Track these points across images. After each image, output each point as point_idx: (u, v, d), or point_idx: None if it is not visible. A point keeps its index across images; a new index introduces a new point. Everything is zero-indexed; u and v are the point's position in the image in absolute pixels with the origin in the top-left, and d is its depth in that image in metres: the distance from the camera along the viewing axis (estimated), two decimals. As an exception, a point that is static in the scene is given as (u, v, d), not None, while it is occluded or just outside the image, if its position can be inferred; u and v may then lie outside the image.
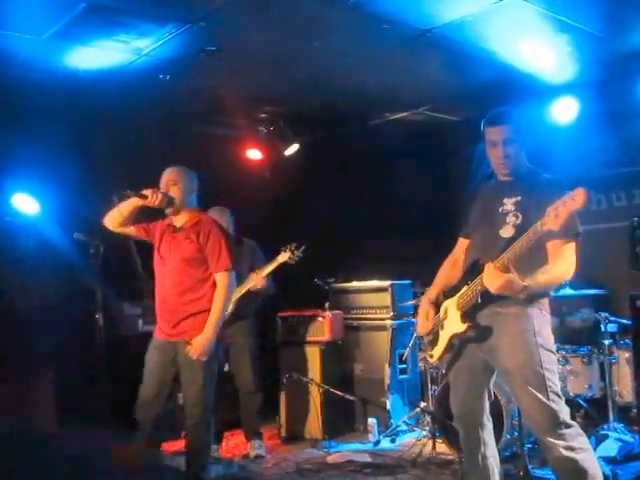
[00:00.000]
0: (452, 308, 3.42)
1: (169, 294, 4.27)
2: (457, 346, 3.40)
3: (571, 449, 3.09)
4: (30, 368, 5.57)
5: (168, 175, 4.39)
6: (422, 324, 3.63)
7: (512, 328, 3.22)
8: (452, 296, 3.45)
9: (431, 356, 3.58)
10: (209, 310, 4.18)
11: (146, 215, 4.59)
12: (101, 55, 5.00)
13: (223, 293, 4.21)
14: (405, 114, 6.85)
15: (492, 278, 3.02)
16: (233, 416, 6.31)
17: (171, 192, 4.30)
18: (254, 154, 7.12)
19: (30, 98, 5.45)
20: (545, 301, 3.32)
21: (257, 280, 5.50)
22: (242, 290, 5.45)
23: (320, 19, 4.61)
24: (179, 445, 5.54)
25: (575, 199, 2.74)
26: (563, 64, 5.53)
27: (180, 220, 4.35)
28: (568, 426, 3.12)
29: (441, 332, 3.51)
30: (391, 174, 7.46)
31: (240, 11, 4.43)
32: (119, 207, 4.37)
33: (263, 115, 6.83)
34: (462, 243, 3.66)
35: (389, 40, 4.96)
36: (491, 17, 4.60)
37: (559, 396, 3.16)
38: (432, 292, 3.65)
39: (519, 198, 3.29)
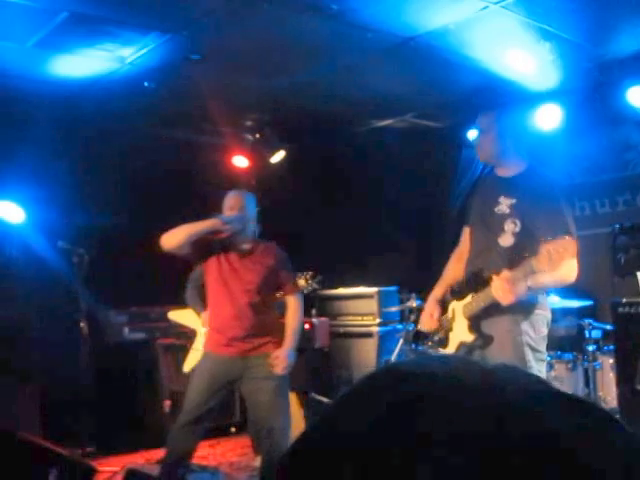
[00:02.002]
0: (459, 314, 3.48)
1: (244, 313, 4.32)
2: (464, 352, 3.44)
3: None
4: (14, 377, 5.54)
5: (236, 200, 4.43)
6: (426, 320, 3.68)
7: (502, 327, 3.29)
8: (458, 299, 3.50)
9: None
10: (277, 328, 4.40)
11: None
12: (85, 63, 4.99)
13: (297, 312, 4.45)
14: (390, 121, 6.88)
15: (504, 293, 3.08)
16: (218, 424, 6.31)
17: (245, 217, 4.36)
18: (240, 161, 7.13)
19: (14, 106, 5.45)
20: (540, 298, 3.36)
21: None
22: None
23: (304, 27, 4.62)
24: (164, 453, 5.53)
25: (568, 250, 2.86)
26: (546, 72, 5.57)
27: (247, 244, 4.40)
28: None
29: (451, 334, 3.56)
30: (377, 181, 7.48)
31: (223, 19, 4.45)
32: (194, 225, 4.27)
33: (248, 122, 6.84)
34: (466, 233, 3.71)
35: (373, 48, 4.99)
36: (474, 25, 4.63)
37: None
38: (439, 290, 3.70)
39: (514, 201, 3.33)
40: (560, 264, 2.89)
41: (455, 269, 3.68)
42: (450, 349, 3.54)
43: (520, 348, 3.23)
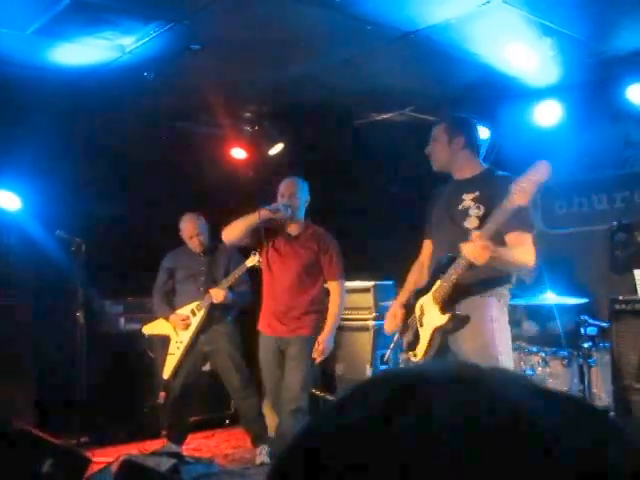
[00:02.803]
0: (429, 304, 3.46)
1: (284, 295, 4.62)
2: (439, 340, 3.43)
3: None
4: (9, 365, 5.53)
5: (289, 187, 4.67)
6: (389, 322, 3.74)
7: (472, 313, 3.32)
8: (425, 294, 3.50)
9: (415, 355, 3.58)
10: (319, 311, 4.67)
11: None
12: (85, 52, 4.96)
13: (338, 299, 4.71)
14: (390, 115, 6.87)
15: (477, 251, 3.05)
16: (207, 416, 6.32)
17: (294, 204, 4.61)
18: (238, 153, 7.10)
19: (13, 94, 5.42)
20: (504, 292, 3.42)
21: (216, 293, 5.23)
22: (206, 303, 5.28)
23: (305, 19, 4.61)
24: (159, 444, 5.54)
25: (540, 171, 2.85)
26: (546, 67, 5.56)
27: (295, 229, 4.70)
28: None
29: (421, 330, 3.53)
30: (376, 175, 7.46)
31: (224, 10, 4.43)
32: (247, 219, 4.54)
33: (247, 114, 6.82)
34: (427, 245, 3.79)
35: (374, 41, 4.97)
36: (475, 20, 4.61)
37: None
38: (402, 296, 3.76)
39: (477, 193, 3.39)
40: (532, 191, 2.91)
41: (416, 280, 3.75)
42: (422, 345, 3.51)
43: (490, 335, 3.28)
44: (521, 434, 0.53)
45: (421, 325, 3.53)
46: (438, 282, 3.39)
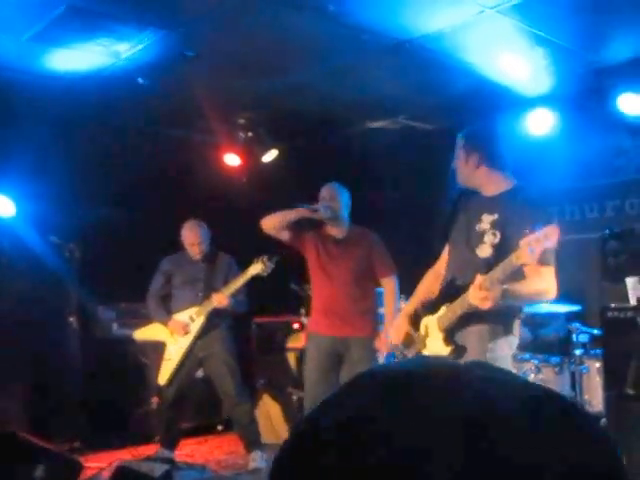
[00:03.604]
0: (433, 328, 3.40)
1: (343, 296, 4.72)
2: None
3: None
4: (3, 371, 5.52)
5: (329, 191, 4.86)
6: (394, 334, 3.66)
7: (469, 344, 3.25)
8: (431, 313, 3.43)
9: None
10: (374, 308, 4.82)
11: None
12: (80, 58, 4.98)
13: (393, 294, 4.79)
14: (383, 123, 6.90)
15: (480, 299, 2.97)
16: (199, 422, 6.32)
17: (335, 207, 4.76)
18: (232, 160, 7.12)
19: (8, 99, 5.43)
20: (513, 321, 3.29)
21: (220, 298, 5.24)
22: (207, 309, 5.29)
23: (299, 27, 4.63)
24: (151, 449, 5.54)
25: (549, 237, 2.79)
26: (539, 77, 5.61)
27: (340, 231, 4.85)
28: None
29: (424, 351, 3.48)
30: (370, 182, 7.49)
31: (219, 18, 4.45)
32: (285, 213, 4.74)
33: (241, 121, 6.84)
34: (447, 249, 3.64)
35: (368, 49, 5.00)
36: (469, 29, 4.65)
37: None
38: (410, 306, 3.66)
39: (496, 217, 3.26)
40: (539, 254, 2.80)
41: (429, 285, 3.64)
42: None
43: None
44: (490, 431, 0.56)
45: (424, 346, 3.49)
46: (444, 308, 3.33)
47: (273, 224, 4.78)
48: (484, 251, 3.24)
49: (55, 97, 5.43)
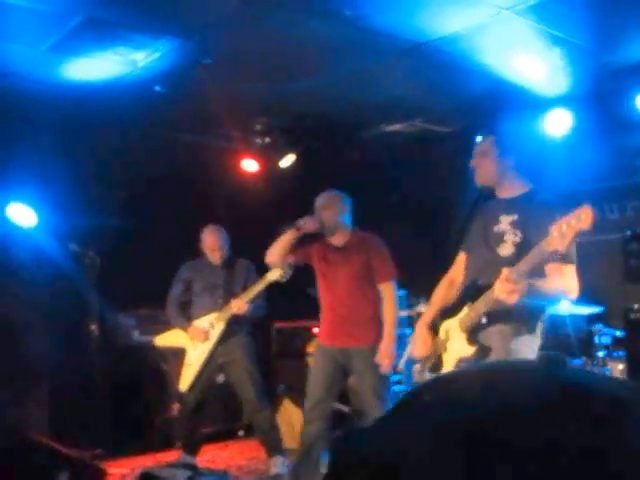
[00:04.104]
0: (455, 330, 3.35)
1: (344, 304, 4.61)
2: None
3: None
4: (25, 380, 5.56)
5: (320, 202, 4.75)
6: (419, 347, 3.54)
7: (492, 344, 3.19)
8: (451, 317, 3.38)
9: None
10: (376, 316, 4.59)
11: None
12: (97, 67, 5.03)
13: (391, 301, 4.60)
14: (399, 126, 6.89)
15: (507, 291, 2.89)
16: (221, 427, 6.32)
17: (324, 217, 4.62)
18: (250, 165, 7.14)
19: (27, 109, 5.48)
20: (536, 322, 3.25)
21: (239, 305, 5.24)
22: (226, 315, 5.30)
23: (315, 32, 4.64)
24: (173, 456, 5.56)
25: (582, 218, 2.63)
26: (556, 77, 5.58)
27: (340, 239, 4.73)
28: None
29: (445, 355, 3.42)
30: (386, 185, 7.49)
31: (235, 24, 4.47)
32: (277, 243, 4.66)
33: (258, 126, 6.86)
34: (460, 259, 3.60)
35: (384, 53, 5.01)
36: (485, 31, 4.64)
37: None
38: (428, 314, 3.59)
39: (515, 217, 3.23)
40: (572, 237, 2.67)
41: (445, 293, 3.57)
42: (447, 370, 3.36)
43: None
44: None
45: (445, 350, 3.42)
46: (466, 309, 3.27)
47: (274, 257, 4.70)
48: (506, 249, 3.20)
49: (74, 106, 5.48)
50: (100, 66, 5.01)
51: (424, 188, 7.21)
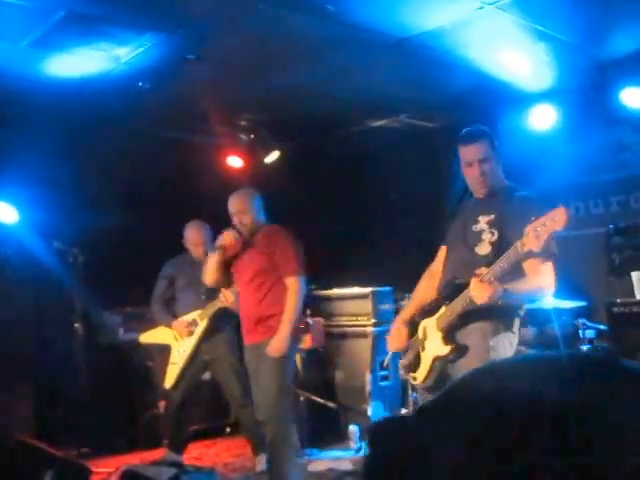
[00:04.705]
0: (432, 329, 3.37)
1: (250, 301, 4.53)
2: (440, 367, 3.33)
3: None
4: (9, 378, 5.52)
5: (236, 205, 4.61)
6: (394, 342, 3.58)
7: (471, 341, 3.21)
8: (429, 316, 3.40)
9: (414, 378, 3.49)
10: (282, 313, 4.41)
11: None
12: (80, 63, 4.98)
13: (294, 296, 4.42)
14: (384, 121, 6.88)
15: (481, 292, 2.94)
16: (207, 425, 6.30)
17: (243, 220, 4.55)
18: (234, 162, 7.11)
19: (9, 106, 5.43)
20: (514, 319, 3.28)
21: (227, 297, 5.16)
22: (214, 308, 5.27)
23: (299, 27, 4.62)
24: (159, 453, 5.54)
25: (556, 219, 2.66)
26: (541, 72, 5.59)
27: (250, 236, 4.62)
28: None
29: (422, 354, 3.44)
30: (371, 181, 7.49)
31: (219, 19, 4.45)
32: (207, 267, 4.66)
33: (243, 122, 6.83)
34: (442, 252, 3.62)
35: (368, 48, 4.99)
36: (469, 26, 4.64)
37: None
38: (407, 312, 3.61)
39: (492, 217, 3.25)
40: (547, 239, 2.70)
41: (426, 289, 3.58)
42: (422, 370, 3.41)
43: (484, 364, 3.15)
44: None
45: (422, 349, 3.44)
46: (443, 308, 3.29)
47: (212, 279, 4.69)
48: (483, 249, 3.22)
49: (56, 103, 5.43)
50: (82, 62, 4.96)
51: (409, 184, 7.21)
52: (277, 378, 4.34)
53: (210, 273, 4.65)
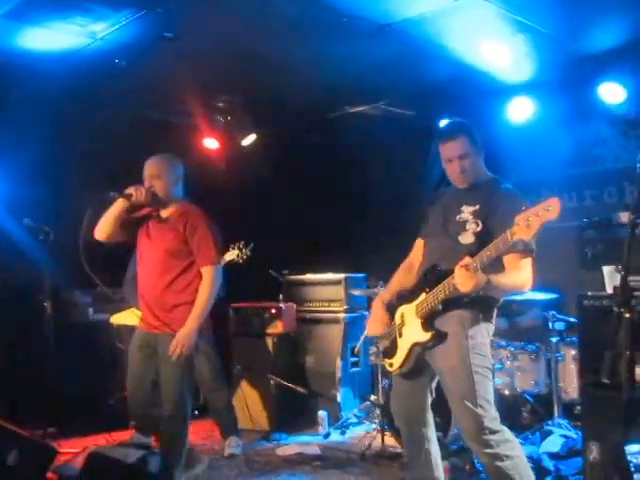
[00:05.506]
0: (410, 315, 3.36)
1: (154, 285, 4.16)
2: (417, 354, 3.32)
3: (496, 456, 3.08)
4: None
5: (150, 168, 4.24)
6: (374, 326, 3.58)
7: (450, 329, 3.22)
8: (408, 302, 3.39)
9: (390, 365, 3.48)
10: (193, 302, 4.08)
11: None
12: (55, 37, 4.87)
13: (208, 286, 4.10)
14: (363, 108, 6.86)
15: (465, 280, 2.92)
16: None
17: (155, 186, 4.17)
18: (211, 143, 7.04)
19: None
20: (492, 309, 3.31)
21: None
22: None
23: (279, 9, 4.57)
24: (127, 435, 5.50)
25: (550, 209, 2.63)
26: (520, 64, 5.60)
27: (167, 211, 4.24)
28: (493, 432, 3.10)
29: (399, 340, 3.42)
30: (347, 167, 7.47)
31: (199, -1, 4.38)
32: (106, 214, 4.17)
33: (220, 104, 6.76)
34: (419, 244, 3.63)
35: (348, 33, 4.96)
36: (450, 15, 4.63)
37: (488, 402, 3.15)
38: (385, 295, 3.60)
39: (477, 207, 3.25)
40: (538, 228, 2.67)
41: (403, 277, 3.58)
42: (399, 356, 3.40)
43: (465, 352, 3.15)
44: None
45: (400, 335, 3.42)
46: (423, 295, 3.27)
47: (104, 231, 4.19)
48: (467, 238, 3.22)
49: (28, 77, 5.31)
50: (57, 36, 4.85)
51: (386, 171, 7.20)
52: (181, 371, 4.06)
53: (106, 222, 4.16)
